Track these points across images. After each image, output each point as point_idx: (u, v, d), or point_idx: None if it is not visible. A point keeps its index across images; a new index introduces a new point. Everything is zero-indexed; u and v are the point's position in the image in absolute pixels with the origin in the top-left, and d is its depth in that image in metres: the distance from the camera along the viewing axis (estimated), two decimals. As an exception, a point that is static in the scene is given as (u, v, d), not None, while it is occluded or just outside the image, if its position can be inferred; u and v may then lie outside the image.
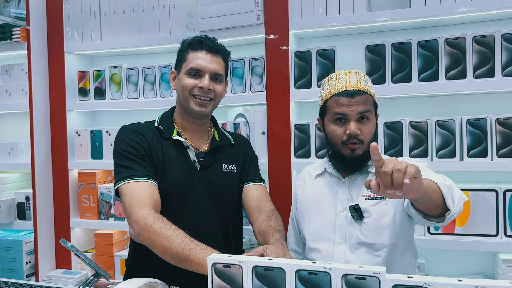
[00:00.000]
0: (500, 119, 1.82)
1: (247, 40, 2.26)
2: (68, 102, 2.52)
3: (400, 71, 1.93)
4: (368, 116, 1.43)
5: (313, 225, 1.53)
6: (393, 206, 1.43)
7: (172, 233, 1.35)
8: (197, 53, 1.58)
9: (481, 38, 1.83)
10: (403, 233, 1.45)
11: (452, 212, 1.21)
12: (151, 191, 1.45)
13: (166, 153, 1.56)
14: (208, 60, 1.57)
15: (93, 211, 2.52)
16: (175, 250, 1.32)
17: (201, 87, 1.55)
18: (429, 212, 1.26)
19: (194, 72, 1.57)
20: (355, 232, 1.44)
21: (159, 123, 1.63)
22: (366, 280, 0.93)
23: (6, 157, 2.63)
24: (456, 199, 1.22)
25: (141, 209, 1.39)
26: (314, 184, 1.60)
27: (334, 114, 1.44)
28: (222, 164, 1.65)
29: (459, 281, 0.88)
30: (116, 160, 1.54)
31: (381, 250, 1.41)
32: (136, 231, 1.39)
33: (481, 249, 1.86)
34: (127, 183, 1.46)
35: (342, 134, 1.43)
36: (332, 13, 2.03)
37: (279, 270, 1.00)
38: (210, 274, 1.05)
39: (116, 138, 1.60)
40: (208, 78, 1.57)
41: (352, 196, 1.48)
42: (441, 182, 1.23)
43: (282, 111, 2.10)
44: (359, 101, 1.41)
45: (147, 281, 1.22)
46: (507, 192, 1.82)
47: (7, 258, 2.52)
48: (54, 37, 2.53)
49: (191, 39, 1.63)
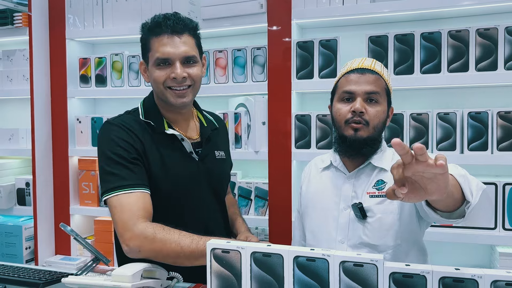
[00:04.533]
0: (501, 113, 1.82)
1: (249, 30, 2.26)
2: (69, 89, 2.52)
3: (402, 63, 1.92)
4: (377, 98, 1.35)
5: (314, 221, 1.47)
6: (398, 206, 1.34)
7: (178, 236, 1.29)
8: (159, 38, 1.40)
9: (484, 31, 1.82)
10: (410, 234, 1.36)
11: (472, 204, 1.07)
12: (143, 201, 1.33)
13: (161, 149, 1.44)
14: (175, 44, 1.39)
15: (93, 198, 2.52)
16: (188, 250, 1.27)
17: (174, 77, 1.40)
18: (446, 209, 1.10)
19: (162, 61, 1.41)
20: (358, 232, 1.37)
21: (146, 116, 1.48)
22: (364, 267, 0.93)
23: (7, 143, 2.63)
24: (474, 189, 1.09)
25: (136, 224, 1.28)
26: (319, 178, 1.52)
27: (342, 93, 1.38)
28: (215, 152, 1.60)
29: (456, 270, 0.89)
30: (103, 165, 1.37)
31: (385, 252, 1.33)
32: (135, 247, 1.28)
33: (479, 242, 1.87)
34: (117, 195, 1.32)
35: (346, 113, 1.35)
36: (335, 4, 2.02)
37: (277, 256, 1.01)
38: (209, 259, 1.06)
39: (101, 136, 1.43)
40: (179, 65, 1.40)
41: (357, 193, 1.40)
42: (456, 173, 1.10)
43: (283, 101, 2.09)
44: (368, 80, 1.34)
45: (146, 266, 1.23)
46: (507, 186, 1.83)
47: (6, 243, 2.53)
48: (56, 23, 2.52)
49: (150, 22, 1.45)
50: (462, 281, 0.87)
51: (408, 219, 1.35)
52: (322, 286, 0.97)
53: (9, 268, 1.50)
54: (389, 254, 1.34)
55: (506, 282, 0.85)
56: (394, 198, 0.90)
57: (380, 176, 1.39)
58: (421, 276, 0.90)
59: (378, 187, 1.37)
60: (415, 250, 1.40)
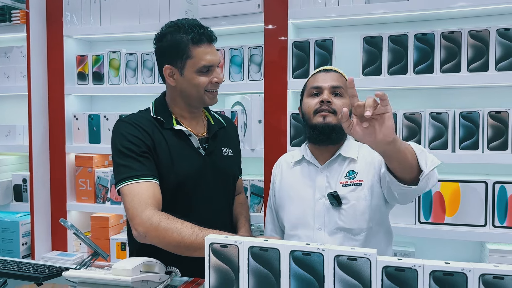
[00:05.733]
0: (492, 113, 1.86)
1: (246, 29, 2.28)
2: (66, 86, 2.54)
3: (396, 63, 1.96)
4: (341, 92, 1.52)
5: (292, 212, 1.58)
6: (369, 192, 1.49)
7: (181, 226, 1.36)
8: (201, 47, 1.51)
9: (476, 32, 1.87)
10: (380, 217, 1.51)
11: (425, 173, 1.22)
12: (152, 190, 1.43)
13: (170, 144, 1.53)
14: (214, 53, 1.55)
15: (89, 194, 2.54)
16: (188, 241, 1.34)
17: (217, 82, 1.55)
18: (404, 175, 1.26)
19: (207, 69, 1.53)
20: (334, 218, 1.49)
21: (156, 113, 1.58)
22: (358, 261, 0.97)
23: (4, 139, 2.65)
24: (429, 162, 1.25)
25: (144, 210, 1.37)
26: (292, 172, 1.64)
27: (310, 89, 1.55)
28: (221, 148, 1.67)
29: (446, 264, 0.92)
30: (116, 159, 1.48)
31: (359, 235, 1.48)
32: (142, 232, 1.37)
33: (469, 238, 1.92)
34: (128, 185, 1.42)
35: (315, 104, 1.52)
36: (331, 4, 2.05)
37: (274, 250, 1.04)
38: (208, 253, 1.09)
39: (113, 133, 1.53)
40: (219, 70, 1.57)
41: (330, 183, 1.53)
42: (416, 146, 1.27)
43: (279, 100, 2.13)
44: (333, 77, 1.54)
45: (145, 260, 1.26)
46: (496, 184, 1.87)
47: (3, 239, 2.55)
48: (53, 21, 2.53)
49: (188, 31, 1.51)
50: (452, 274, 0.91)
51: (377, 203, 1.50)
52: (317, 280, 1.00)
53: (9, 262, 1.52)
54: (362, 237, 1.48)
55: (494, 276, 0.89)
56: (346, 123, 1.16)
57: (351, 166, 1.53)
58: (412, 269, 0.93)
59: (350, 177, 1.51)
60: (383, 231, 1.55)
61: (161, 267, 1.32)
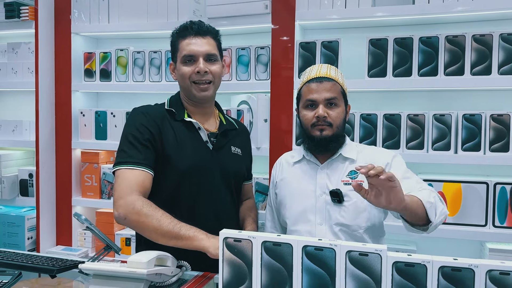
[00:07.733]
0: (494, 115, 1.91)
1: (253, 29, 2.31)
2: (73, 83, 2.56)
3: (401, 65, 2.00)
4: (336, 102, 1.56)
5: (294, 208, 1.62)
6: None
7: (161, 215, 1.42)
8: (186, 39, 1.60)
9: (480, 37, 1.91)
10: (378, 218, 1.58)
11: (434, 224, 1.37)
12: (142, 179, 1.48)
13: (178, 135, 1.58)
14: (198, 43, 1.59)
15: (95, 190, 2.57)
16: (166, 229, 1.40)
17: (198, 71, 1.58)
18: (414, 222, 1.40)
19: (188, 58, 1.59)
20: (335, 214, 1.55)
21: (169, 106, 1.65)
22: (369, 256, 1.01)
23: (11, 134, 2.67)
24: (438, 213, 1.38)
25: (130, 194, 1.43)
26: (292, 170, 1.68)
27: (305, 101, 1.58)
28: (230, 146, 1.71)
29: (455, 260, 0.96)
30: (120, 143, 1.57)
31: (357, 231, 1.54)
32: (123, 214, 1.43)
33: (470, 238, 1.96)
34: (121, 169, 1.49)
35: (312, 118, 1.56)
36: (337, 6, 2.09)
37: (287, 245, 1.08)
38: (221, 248, 1.12)
39: (127, 119, 1.64)
40: (202, 61, 1.59)
41: (331, 181, 1.58)
42: (425, 199, 1.36)
43: (285, 100, 2.16)
44: (326, 88, 1.55)
45: (159, 254, 1.29)
46: (497, 185, 1.92)
47: (9, 233, 2.57)
48: (62, 18, 2.56)
49: (180, 28, 1.65)
50: (460, 270, 0.95)
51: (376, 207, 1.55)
52: (329, 274, 1.04)
53: (22, 255, 1.55)
54: (360, 234, 1.54)
55: (500, 272, 0.93)
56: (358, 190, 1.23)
57: (352, 167, 1.57)
58: (422, 265, 0.97)
59: (351, 176, 1.55)
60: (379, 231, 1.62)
61: (173, 261, 1.35)
